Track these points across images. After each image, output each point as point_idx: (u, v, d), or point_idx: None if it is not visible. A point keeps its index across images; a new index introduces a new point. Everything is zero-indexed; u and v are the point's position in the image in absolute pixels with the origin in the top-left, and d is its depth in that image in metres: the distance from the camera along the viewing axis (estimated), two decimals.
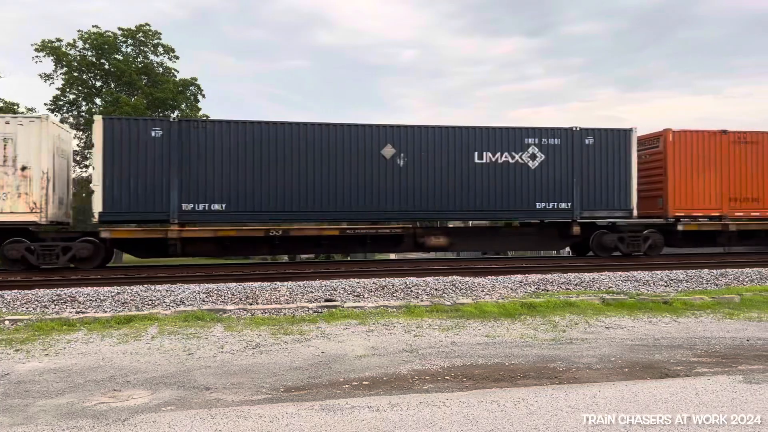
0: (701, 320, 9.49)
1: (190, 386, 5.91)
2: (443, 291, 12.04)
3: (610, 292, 11.91)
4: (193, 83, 37.59)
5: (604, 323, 9.19)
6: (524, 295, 11.90)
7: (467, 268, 15.79)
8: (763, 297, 11.32)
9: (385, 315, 9.72)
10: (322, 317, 9.50)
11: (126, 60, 35.89)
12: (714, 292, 12.11)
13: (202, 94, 38.18)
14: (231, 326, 8.86)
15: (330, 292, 11.56)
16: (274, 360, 6.96)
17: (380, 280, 12.66)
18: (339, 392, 5.70)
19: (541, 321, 9.35)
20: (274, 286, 11.94)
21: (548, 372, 6.46)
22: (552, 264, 16.95)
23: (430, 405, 5.16)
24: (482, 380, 6.16)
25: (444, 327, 8.84)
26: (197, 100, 38.15)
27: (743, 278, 13.87)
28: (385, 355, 7.21)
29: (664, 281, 13.29)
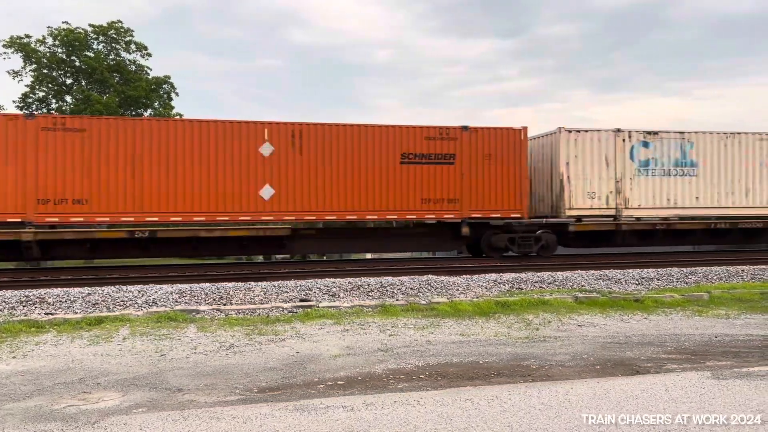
0: (671, 318, 9.66)
1: (163, 388, 5.83)
2: (419, 290, 12.07)
3: (582, 291, 12.05)
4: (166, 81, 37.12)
5: (576, 321, 9.30)
6: (499, 293, 11.99)
7: (443, 267, 15.85)
8: (731, 295, 11.56)
9: (361, 314, 9.71)
10: (297, 317, 9.45)
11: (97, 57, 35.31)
12: (684, 290, 12.34)
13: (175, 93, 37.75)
14: (204, 327, 8.77)
15: (305, 292, 11.52)
16: (248, 360, 6.91)
17: (356, 280, 12.65)
18: (313, 392, 5.68)
19: (515, 319, 9.42)
20: (248, 286, 11.86)
21: (522, 370, 6.51)
22: (526, 263, 17.09)
23: (404, 404, 5.17)
24: (457, 379, 6.18)
25: (419, 326, 8.85)
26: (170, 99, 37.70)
27: (712, 276, 14.15)
28: (360, 354, 7.20)
29: (636, 279, 13.49)
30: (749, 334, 8.41)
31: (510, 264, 16.68)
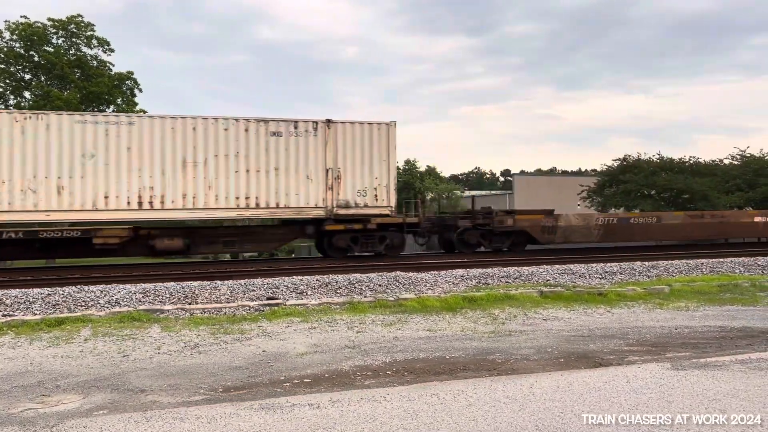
0: (633, 311, 9.86)
1: (125, 389, 5.72)
2: (387, 286, 12.09)
3: (548, 285, 12.22)
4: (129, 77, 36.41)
5: (541, 315, 9.43)
6: (466, 289, 12.08)
7: (411, 264, 15.91)
8: (690, 287, 11.86)
9: (329, 312, 9.68)
10: (263, 316, 9.38)
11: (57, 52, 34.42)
12: (646, 283, 12.60)
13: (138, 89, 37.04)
14: (169, 326, 8.63)
15: (272, 290, 11.43)
16: (213, 360, 6.82)
17: (324, 277, 12.60)
18: (279, 391, 5.64)
19: (482, 314, 9.51)
20: (214, 285, 11.72)
21: (487, 364, 6.57)
22: (493, 258, 17.25)
23: (371, 400, 5.17)
24: (423, 374, 6.21)
25: (387, 322, 8.87)
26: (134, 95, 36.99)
27: (673, 270, 14.48)
28: (328, 351, 7.17)
29: (600, 274, 13.74)
30: (707, 325, 8.64)
31: (477, 260, 16.81)
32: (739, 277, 13.30)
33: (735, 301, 10.69)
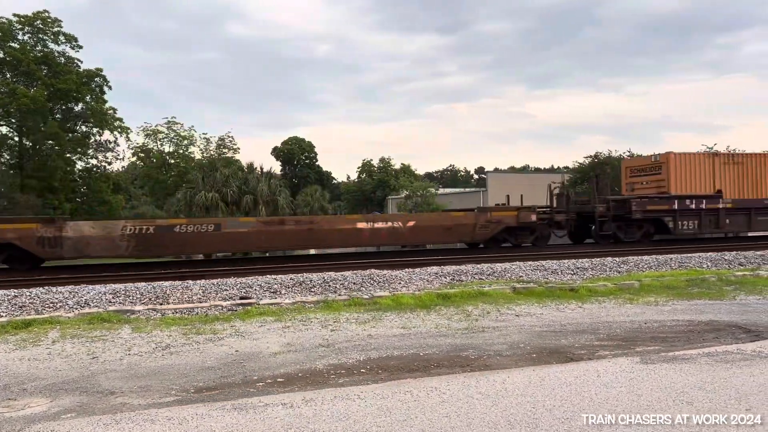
0: (604, 306, 10.00)
1: (94, 391, 5.63)
2: (361, 284, 12.08)
3: (520, 281, 12.33)
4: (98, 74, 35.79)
5: (514, 311, 9.51)
6: (440, 286, 12.13)
7: (385, 261, 15.93)
8: (660, 282, 12.07)
9: (303, 311, 9.64)
10: (236, 315, 9.30)
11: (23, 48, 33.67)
12: (616, 278, 12.79)
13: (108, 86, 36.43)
14: (140, 327, 8.51)
15: (245, 290, 11.34)
16: (185, 361, 6.75)
17: (298, 276, 12.55)
18: (252, 390, 5.60)
19: (455, 311, 9.55)
20: (186, 284, 11.58)
21: (461, 360, 6.61)
22: (467, 255, 17.36)
23: (344, 399, 5.16)
24: (397, 371, 6.22)
25: (361, 320, 8.86)
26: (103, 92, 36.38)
27: (643, 265, 14.73)
28: (301, 351, 7.14)
29: (571, 270, 13.91)
30: (676, 319, 8.80)
31: (451, 257, 16.90)
32: (707, 272, 13.58)
33: (702, 295, 10.91)
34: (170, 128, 38.71)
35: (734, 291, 11.27)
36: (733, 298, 10.62)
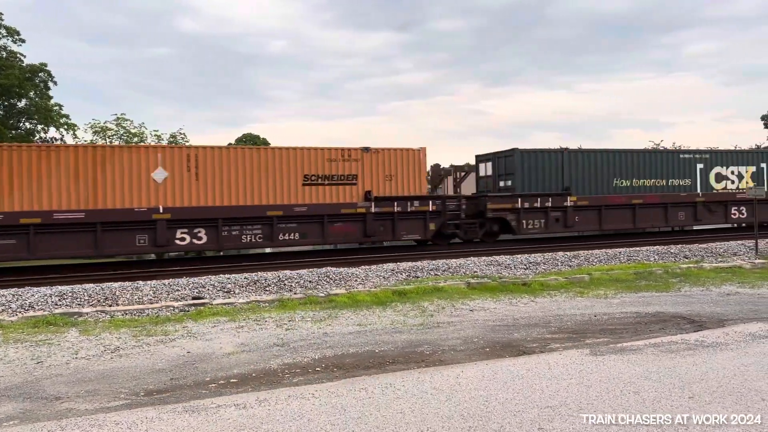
0: (555, 299, 10.21)
1: (38, 397, 5.44)
2: (317, 283, 12.02)
3: (475, 277, 12.48)
4: (42, 69, 34.54)
5: (469, 306, 9.62)
6: (396, 282, 12.17)
7: (342, 259, 15.89)
8: (609, 276, 12.39)
9: (257, 310, 9.53)
10: (189, 316, 9.12)
11: None
12: (567, 272, 13.08)
13: (53, 82, 35.20)
14: (87, 330, 8.27)
15: (198, 290, 11.14)
16: (135, 363, 6.58)
17: (252, 275, 12.40)
18: (204, 392, 5.51)
19: (411, 307, 9.60)
20: (136, 285, 11.31)
21: (416, 356, 6.64)
22: (424, 252, 17.47)
23: (299, 398, 5.12)
24: (352, 369, 6.21)
25: (317, 319, 8.81)
26: (48, 88, 35.12)
27: (593, 259, 15.09)
28: (256, 350, 7.06)
29: (524, 264, 14.15)
30: (624, 311, 9.05)
31: (407, 253, 16.98)
32: (654, 265, 14.01)
33: (649, 287, 11.25)
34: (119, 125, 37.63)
35: (679, 283, 11.66)
36: (678, 290, 10.98)
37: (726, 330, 7.43)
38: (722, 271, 13.09)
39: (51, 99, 35.03)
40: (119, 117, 37.04)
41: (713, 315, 8.55)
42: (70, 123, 36.56)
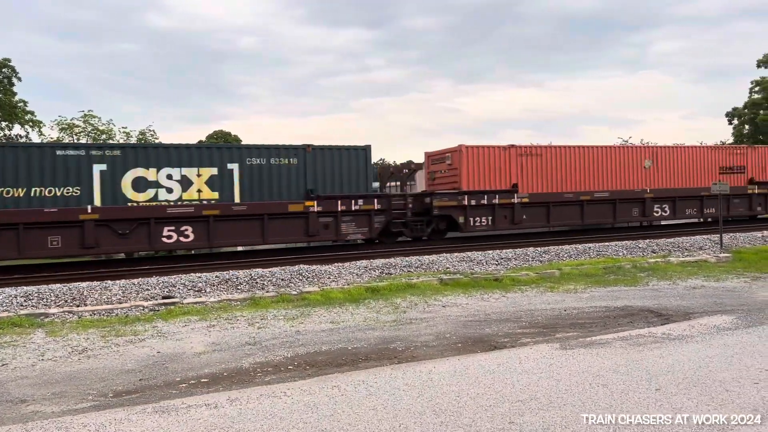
0: (527, 294, 10.32)
1: (3, 400, 5.32)
2: (290, 280, 11.96)
3: (447, 273, 12.55)
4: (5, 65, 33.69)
5: (441, 302, 9.67)
6: (369, 279, 12.17)
7: (315, 257, 15.83)
8: (579, 271, 12.57)
9: (229, 309, 9.45)
10: (159, 315, 9.00)
11: None
12: (538, 268, 13.22)
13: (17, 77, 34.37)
14: (54, 331, 8.10)
15: (168, 289, 11.00)
16: (103, 364, 6.48)
17: (224, 273, 12.28)
18: (175, 392, 5.44)
19: (384, 304, 9.61)
20: (105, 285, 11.12)
21: (388, 353, 6.66)
22: (396, 248, 17.49)
23: (270, 396, 5.09)
24: (325, 366, 6.20)
25: (289, 317, 8.77)
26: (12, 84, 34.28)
27: (563, 254, 15.29)
28: (227, 350, 7.00)
29: (496, 260, 14.27)
30: (593, 306, 9.19)
31: (380, 250, 16.99)
32: (622, 260, 14.24)
33: (618, 282, 11.44)
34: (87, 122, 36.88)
35: (647, 277, 11.88)
36: (646, 284, 11.19)
37: (691, 323, 7.60)
38: (688, 265, 13.37)
39: (15, 95, 34.22)
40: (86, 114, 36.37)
41: (679, 308, 8.73)
42: (36, 120, 35.76)
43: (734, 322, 7.53)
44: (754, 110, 47.72)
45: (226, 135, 46.24)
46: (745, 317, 7.80)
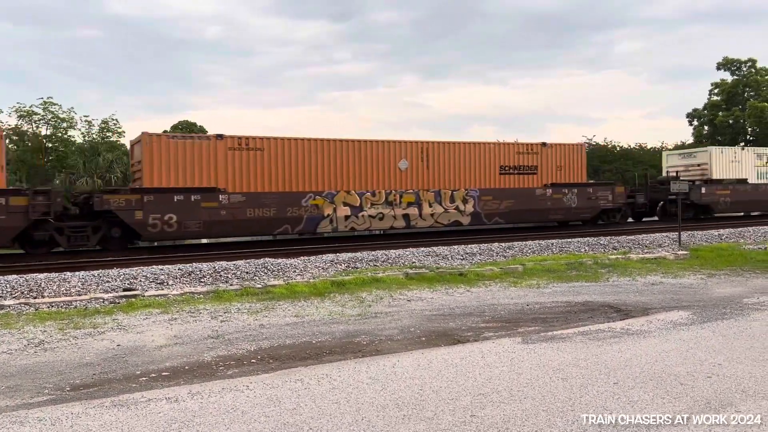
0: (490, 289, 10.44)
1: None
2: (255, 273, 11.86)
3: (413, 267, 12.60)
4: None
5: (406, 296, 9.71)
6: (335, 273, 12.15)
7: (280, 250, 15.73)
8: (542, 266, 12.75)
9: (191, 302, 9.32)
10: (119, 308, 8.84)
11: None
12: (502, 263, 13.38)
13: None
14: (9, 323, 7.89)
15: (130, 281, 10.80)
16: (61, 357, 6.33)
17: (187, 266, 12.11)
18: (134, 386, 5.36)
19: (350, 297, 9.61)
20: (63, 276, 10.86)
21: (353, 347, 6.66)
22: (363, 243, 17.50)
23: (232, 390, 5.05)
24: (289, 360, 6.17)
25: (253, 310, 8.70)
26: None
27: (527, 250, 15.49)
28: (189, 343, 6.91)
29: (461, 255, 14.38)
30: (555, 301, 9.35)
31: (347, 244, 16.98)
32: (584, 256, 14.51)
33: (580, 277, 11.65)
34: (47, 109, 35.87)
35: (608, 273, 12.13)
36: (606, 279, 11.42)
37: (650, 318, 7.79)
38: (648, 261, 13.69)
39: None
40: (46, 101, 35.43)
41: (638, 304, 8.94)
42: None
43: (690, 317, 7.75)
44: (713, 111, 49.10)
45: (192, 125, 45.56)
46: (701, 313, 8.03)
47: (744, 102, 47.82)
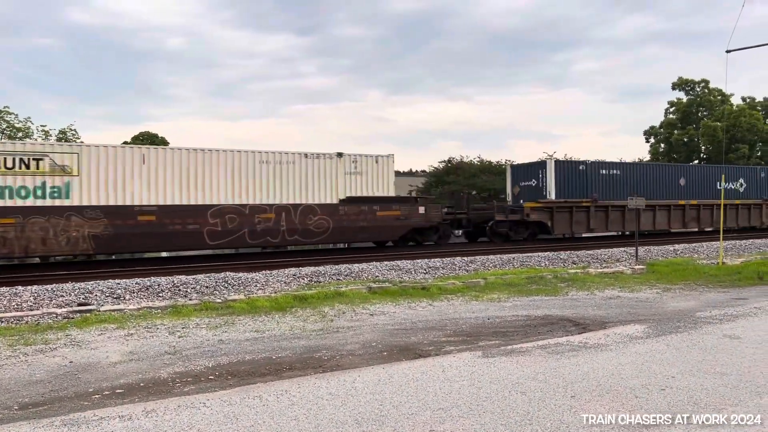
0: (452, 303, 10.49)
1: None
2: (215, 288, 11.68)
3: (376, 281, 12.59)
4: None
5: (369, 311, 9.68)
6: (297, 287, 12.05)
7: (242, 264, 15.54)
8: (503, 280, 12.88)
9: (149, 317, 9.12)
10: (73, 323, 8.59)
11: None
12: (464, 277, 13.47)
13: None
14: None
15: (85, 295, 10.51)
16: (10, 375, 6.11)
17: (144, 280, 11.86)
18: (87, 404, 5.20)
19: (312, 312, 9.54)
20: (15, 291, 10.51)
21: (314, 362, 6.60)
22: (326, 256, 17.42)
23: (189, 407, 4.94)
24: (248, 376, 6.08)
25: (212, 325, 8.56)
26: None
27: (489, 264, 15.64)
28: (145, 359, 6.75)
29: (424, 269, 14.43)
30: (516, 315, 9.44)
31: (309, 258, 16.87)
32: (544, 270, 14.72)
33: (540, 291, 11.81)
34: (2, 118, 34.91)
35: (567, 287, 12.32)
36: (566, 294, 11.60)
37: (607, 332, 7.92)
38: (606, 276, 13.96)
39: None
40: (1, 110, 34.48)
41: (596, 318, 9.09)
42: None
43: (646, 331, 7.91)
44: (669, 130, 50.59)
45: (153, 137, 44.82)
46: (656, 326, 8.21)
47: (698, 121, 49.40)
